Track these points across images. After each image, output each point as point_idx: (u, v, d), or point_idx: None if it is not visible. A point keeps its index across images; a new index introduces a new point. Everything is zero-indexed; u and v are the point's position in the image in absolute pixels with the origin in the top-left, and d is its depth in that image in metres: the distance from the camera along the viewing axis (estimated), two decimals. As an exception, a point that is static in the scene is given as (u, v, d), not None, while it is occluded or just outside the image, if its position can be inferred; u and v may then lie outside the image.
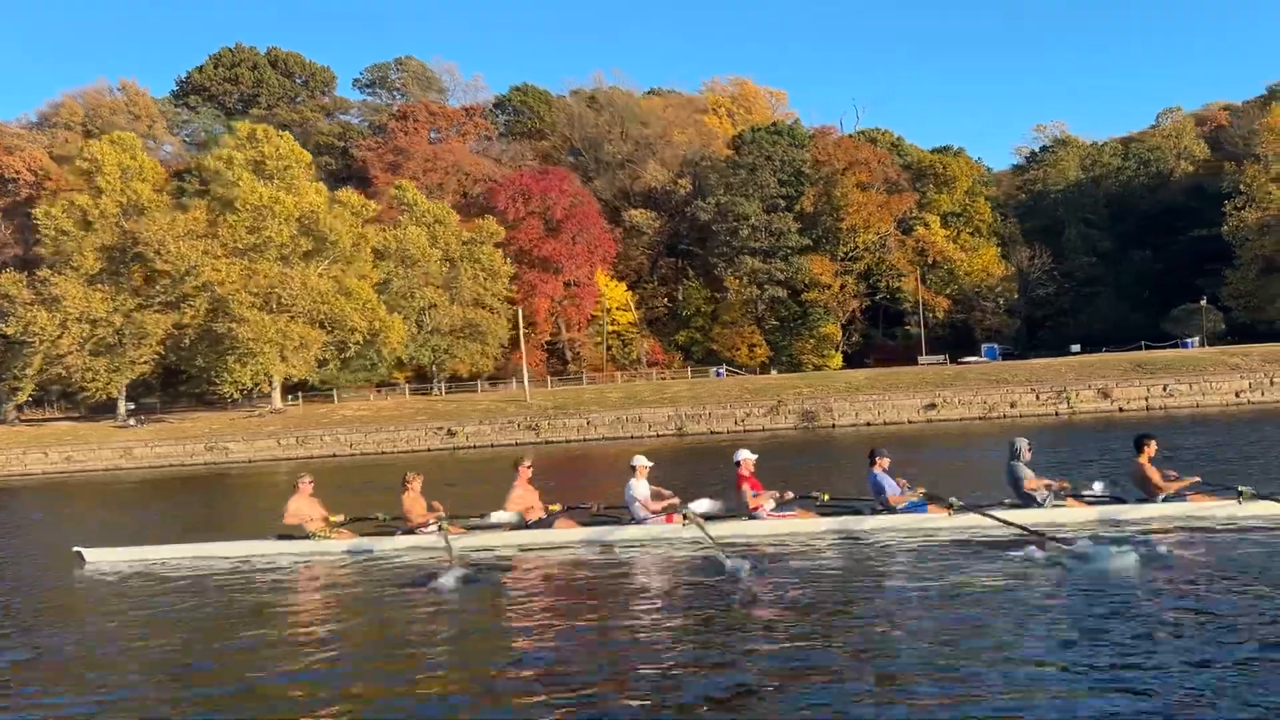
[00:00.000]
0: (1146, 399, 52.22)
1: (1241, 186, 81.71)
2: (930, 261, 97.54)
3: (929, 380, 59.14)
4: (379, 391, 77.01)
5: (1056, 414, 52.65)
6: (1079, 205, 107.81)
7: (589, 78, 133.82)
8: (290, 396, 75.52)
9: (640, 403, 59.64)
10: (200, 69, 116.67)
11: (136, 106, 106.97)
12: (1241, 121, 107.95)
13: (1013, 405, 53.44)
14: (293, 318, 64.18)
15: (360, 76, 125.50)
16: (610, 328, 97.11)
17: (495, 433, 58.05)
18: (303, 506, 15.50)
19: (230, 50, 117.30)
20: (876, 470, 14.49)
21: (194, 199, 70.79)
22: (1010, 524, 12.81)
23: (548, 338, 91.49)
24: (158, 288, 65.25)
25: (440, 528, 14.21)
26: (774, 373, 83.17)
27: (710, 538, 13.08)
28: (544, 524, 14.80)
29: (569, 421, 57.74)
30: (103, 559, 15.42)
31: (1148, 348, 75.94)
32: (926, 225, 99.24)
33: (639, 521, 14.57)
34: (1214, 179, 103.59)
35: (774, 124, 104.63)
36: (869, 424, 54.29)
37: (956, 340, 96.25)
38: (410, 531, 14.97)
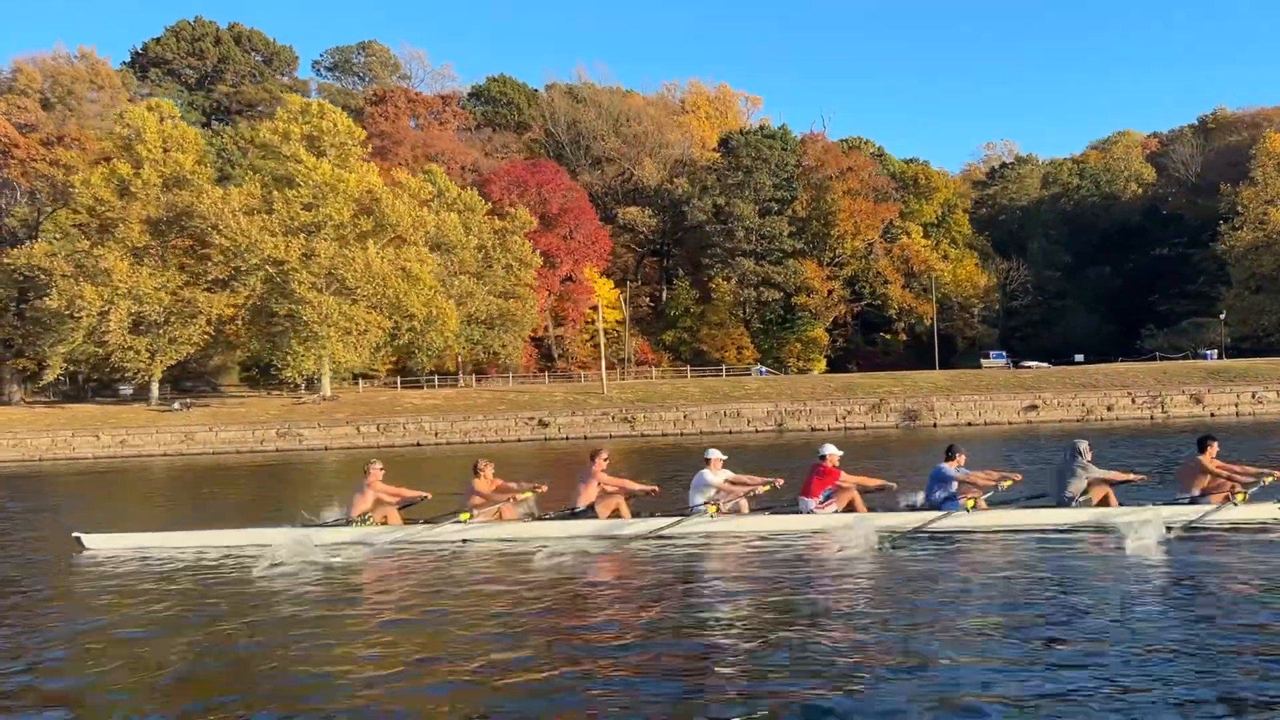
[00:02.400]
0: (1236, 405, 54.49)
1: (1239, 208, 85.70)
2: (913, 270, 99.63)
3: (1003, 383, 60.47)
4: (360, 382, 74.43)
5: (1152, 418, 54.46)
6: (1040, 221, 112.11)
7: (571, 71, 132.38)
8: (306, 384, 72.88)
9: (739, 397, 59.27)
10: (158, 40, 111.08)
11: (99, 77, 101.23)
12: (1181, 148, 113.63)
13: (1109, 409, 55.07)
14: (354, 301, 61.59)
15: (320, 59, 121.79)
16: (598, 325, 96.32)
17: (588, 425, 57.02)
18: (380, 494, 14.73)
19: (190, 24, 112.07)
20: (950, 467, 14.31)
21: (247, 173, 67.11)
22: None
23: (539, 333, 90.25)
24: (210, 264, 61.70)
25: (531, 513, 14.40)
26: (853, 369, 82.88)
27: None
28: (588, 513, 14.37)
29: (665, 415, 57.13)
30: (102, 545, 14.76)
31: (1163, 358, 79.49)
32: (908, 234, 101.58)
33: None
34: (1165, 201, 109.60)
35: (762, 127, 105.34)
36: (970, 424, 55.24)
37: (942, 348, 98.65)
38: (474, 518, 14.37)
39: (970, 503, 13.82)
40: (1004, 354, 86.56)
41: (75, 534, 15.06)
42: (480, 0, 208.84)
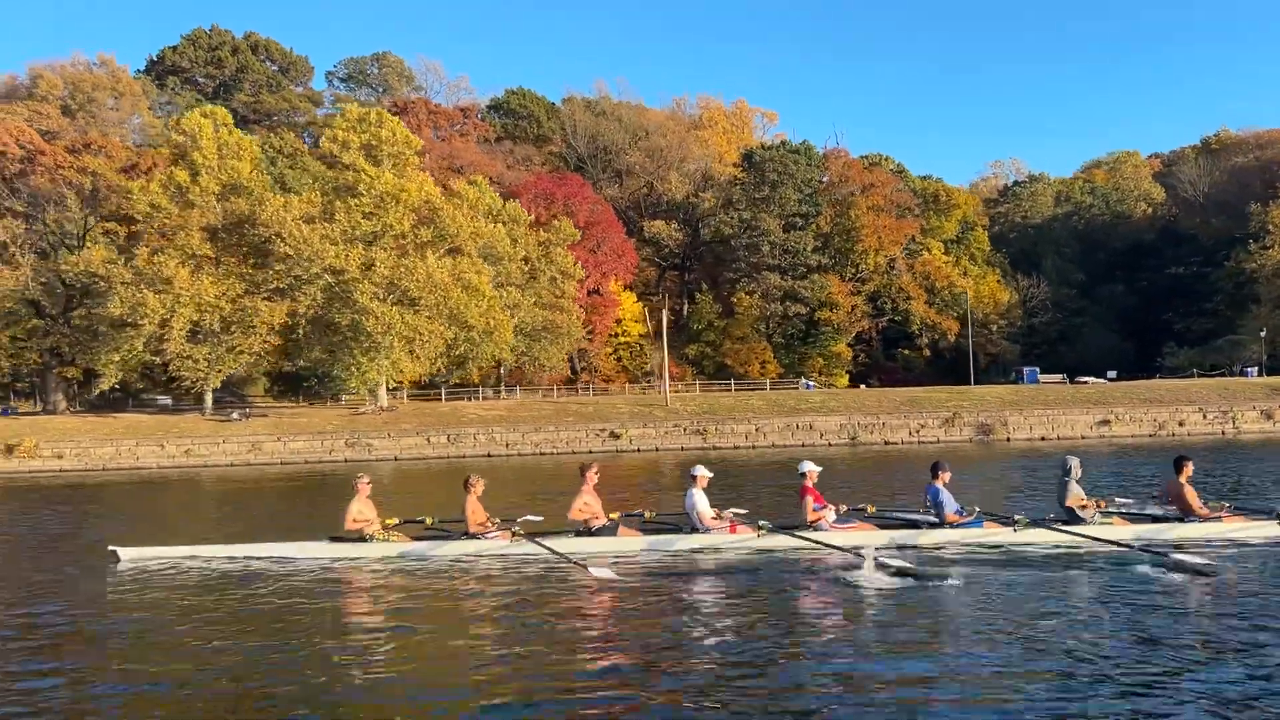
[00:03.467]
0: (1307, 421, 55.11)
1: (1270, 227, 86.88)
2: (935, 286, 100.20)
3: (1069, 398, 60.85)
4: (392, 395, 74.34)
5: (1223, 433, 54.93)
6: (1052, 239, 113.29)
7: (591, 86, 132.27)
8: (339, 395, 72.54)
9: (806, 410, 59.28)
10: (175, 49, 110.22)
11: (120, 84, 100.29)
12: (1186, 169, 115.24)
13: (1181, 424, 55.48)
14: (417, 311, 61.15)
15: (335, 69, 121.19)
16: (622, 339, 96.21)
17: (660, 437, 56.78)
18: (362, 509, 15.21)
19: (206, 33, 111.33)
20: (938, 484, 14.54)
21: (306, 180, 66.57)
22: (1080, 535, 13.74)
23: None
24: (271, 273, 61.04)
25: (514, 533, 14.52)
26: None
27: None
28: (607, 530, 14.66)
29: (737, 428, 56.96)
30: (138, 557, 14.96)
31: (1200, 376, 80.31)
32: (929, 251, 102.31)
33: (700, 531, 14.60)
34: (1177, 221, 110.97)
35: (784, 142, 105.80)
36: (1043, 438, 55.42)
37: (962, 365, 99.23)
38: (472, 536, 14.83)
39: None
40: (1037, 371, 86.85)
41: (111, 546, 15.26)
42: (492, 14, 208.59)
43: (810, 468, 14.76)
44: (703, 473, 14.88)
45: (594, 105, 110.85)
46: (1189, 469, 14.63)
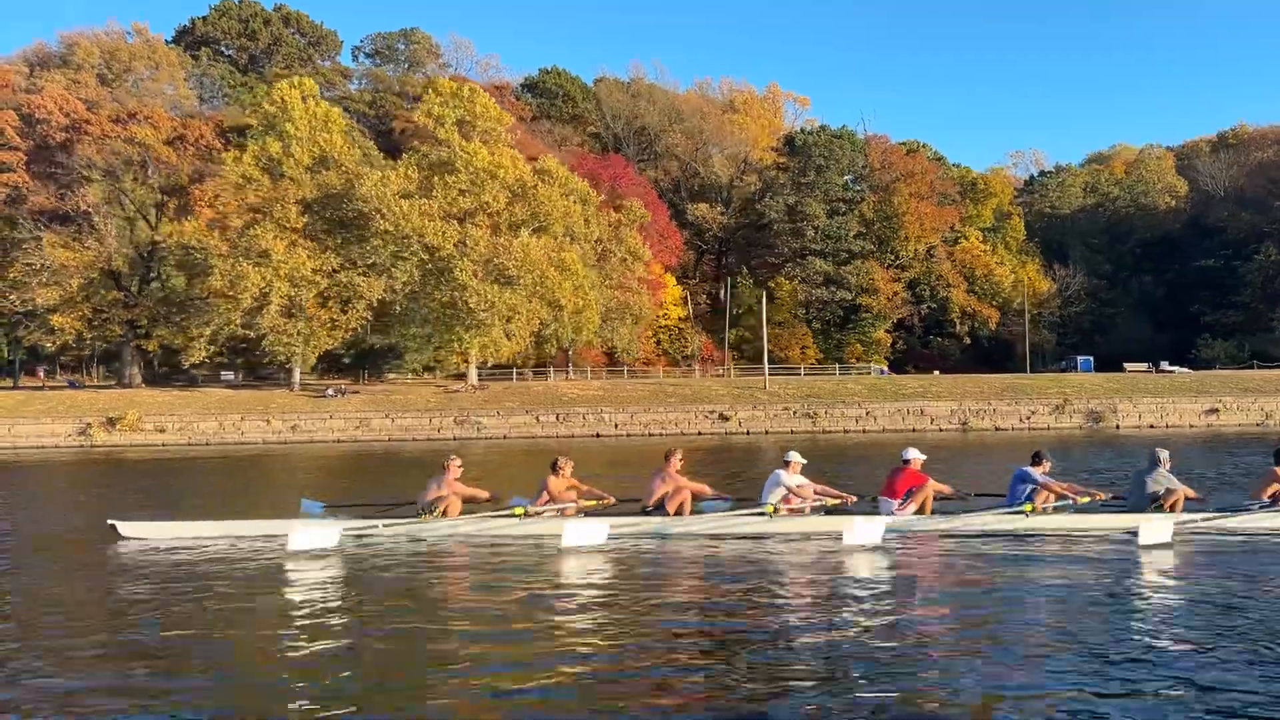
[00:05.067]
0: None
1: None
2: (977, 274, 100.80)
3: (1166, 387, 61.47)
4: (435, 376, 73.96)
5: (1333, 423, 55.78)
6: (1079, 230, 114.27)
7: (626, 67, 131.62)
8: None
9: (909, 395, 59.47)
10: (204, 19, 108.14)
11: (156, 55, 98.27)
12: (1208, 162, 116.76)
13: (1290, 413, 56.26)
14: (514, 289, 60.60)
15: (361, 45, 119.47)
16: (662, 322, 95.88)
17: (768, 420, 56.78)
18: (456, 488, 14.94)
19: (235, 4, 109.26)
20: (1038, 473, 14.58)
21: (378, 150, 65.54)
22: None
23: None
24: (367, 248, 60.19)
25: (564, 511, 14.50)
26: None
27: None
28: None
29: (847, 411, 57.03)
30: (139, 534, 14.57)
31: (1260, 367, 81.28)
32: (966, 239, 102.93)
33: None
34: (1205, 213, 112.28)
35: (823, 128, 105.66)
36: (1152, 426, 55.98)
37: (998, 353, 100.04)
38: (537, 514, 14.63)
39: (1029, 507, 14.19)
40: (1090, 360, 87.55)
41: (110, 521, 14.70)
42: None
43: (915, 455, 14.80)
44: (796, 458, 14.86)
45: (630, 86, 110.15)
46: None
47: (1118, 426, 56.14)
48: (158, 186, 67.73)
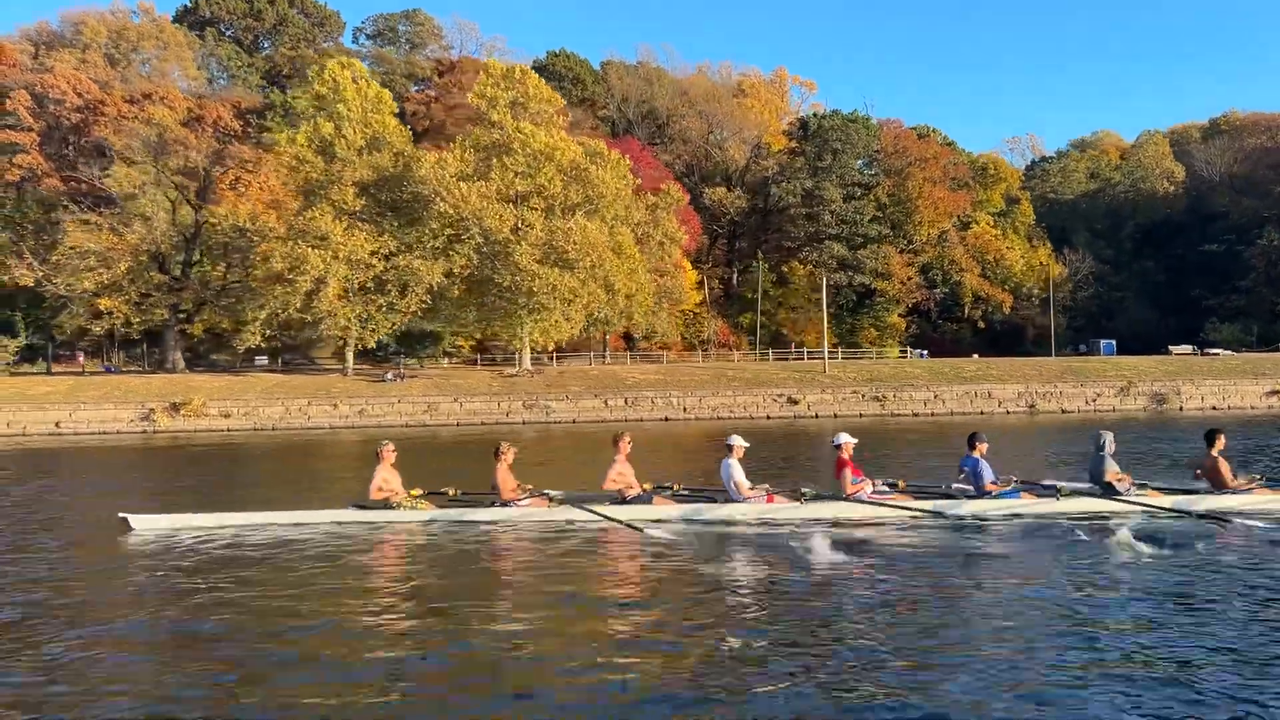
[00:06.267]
0: None
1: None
2: (989, 259, 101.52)
3: (1223, 368, 62.20)
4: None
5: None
6: (1081, 214, 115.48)
7: (634, 50, 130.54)
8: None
9: (973, 378, 59.76)
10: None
11: (164, 34, 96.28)
12: (1204, 148, 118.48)
13: (1351, 396, 57.13)
14: (573, 273, 60.13)
15: (363, 25, 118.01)
16: (680, 306, 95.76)
17: (837, 403, 56.82)
18: (388, 477, 14.82)
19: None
20: (975, 455, 14.40)
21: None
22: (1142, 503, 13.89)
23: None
24: (425, 231, 59.41)
25: (550, 500, 14.48)
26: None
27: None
28: (642, 500, 14.39)
29: (915, 395, 57.21)
30: (150, 526, 14.43)
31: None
32: (977, 223, 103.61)
33: (735, 501, 14.40)
34: (1206, 198, 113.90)
35: (835, 111, 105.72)
36: (1214, 408, 56.67)
37: (1008, 337, 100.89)
38: (505, 504, 14.54)
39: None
40: (1113, 343, 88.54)
41: (121, 514, 14.60)
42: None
43: (846, 440, 14.44)
44: (739, 443, 14.63)
45: (640, 69, 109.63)
46: (1221, 442, 14.64)
47: (1181, 408, 56.79)
48: (202, 168, 66.20)
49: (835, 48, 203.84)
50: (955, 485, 14.85)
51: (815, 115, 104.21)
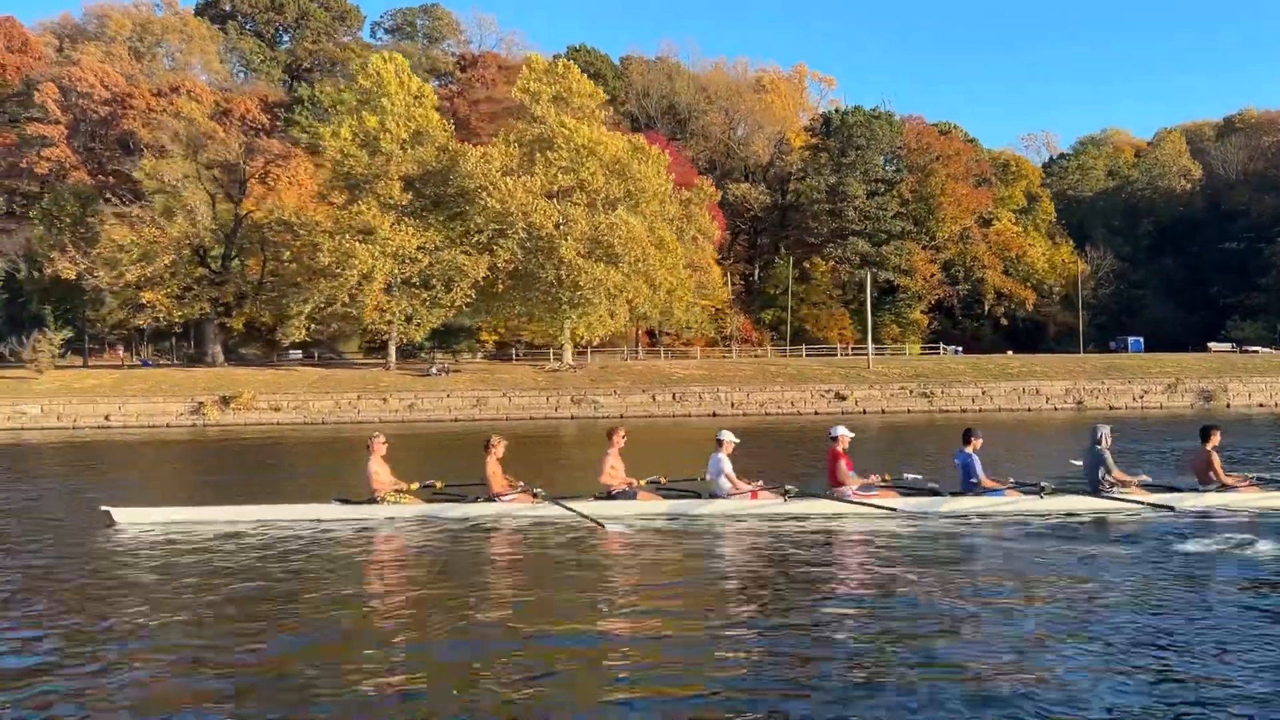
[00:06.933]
0: None
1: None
2: (1011, 255, 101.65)
3: (1265, 366, 62.37)
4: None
5: None
6: (1099, 211, 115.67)
7: (656, 44, 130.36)
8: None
9: (1020, 374, 59.88)
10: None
11: (188, 28, 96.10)
12: (1223, 146, 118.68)
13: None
14: (617, 268, 60.08)
15: (381, 20, 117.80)
16: (703, 302, 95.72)
17: (885, 399, 56.82)
18: (377, 470, 14.68)
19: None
20: (969, 450, 14.42)
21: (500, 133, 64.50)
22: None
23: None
24: (470, 225, 59.33)
25: (535, 495, 14.34)
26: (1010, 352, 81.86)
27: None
28: (626, 495, 14.43)
29: (963, 391, 57.29)
30: (133, 520, 14.31)
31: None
32: (999, 220, 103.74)
33: (722, 496, 14.40)
34: (1226, 196, 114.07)
35: (857, 107, 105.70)
36: (1261, 405, 56.83)
37: (1028, 335, 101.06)
38: (492, 499, 14.44)
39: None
40: (1140, 341, 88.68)
41: (104, 508, 14.49)
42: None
43: (844, 432, 14.49)
44: (729, 438, 14.55)
45: (662, 65, 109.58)
46: (1216, 439, 14.54)
47: (1228, 405, 56.90)
48: (243, 161, 66.01)
49: (852, 44, 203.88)
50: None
51: (837, 111, 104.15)
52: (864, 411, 55.88)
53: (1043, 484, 14.21)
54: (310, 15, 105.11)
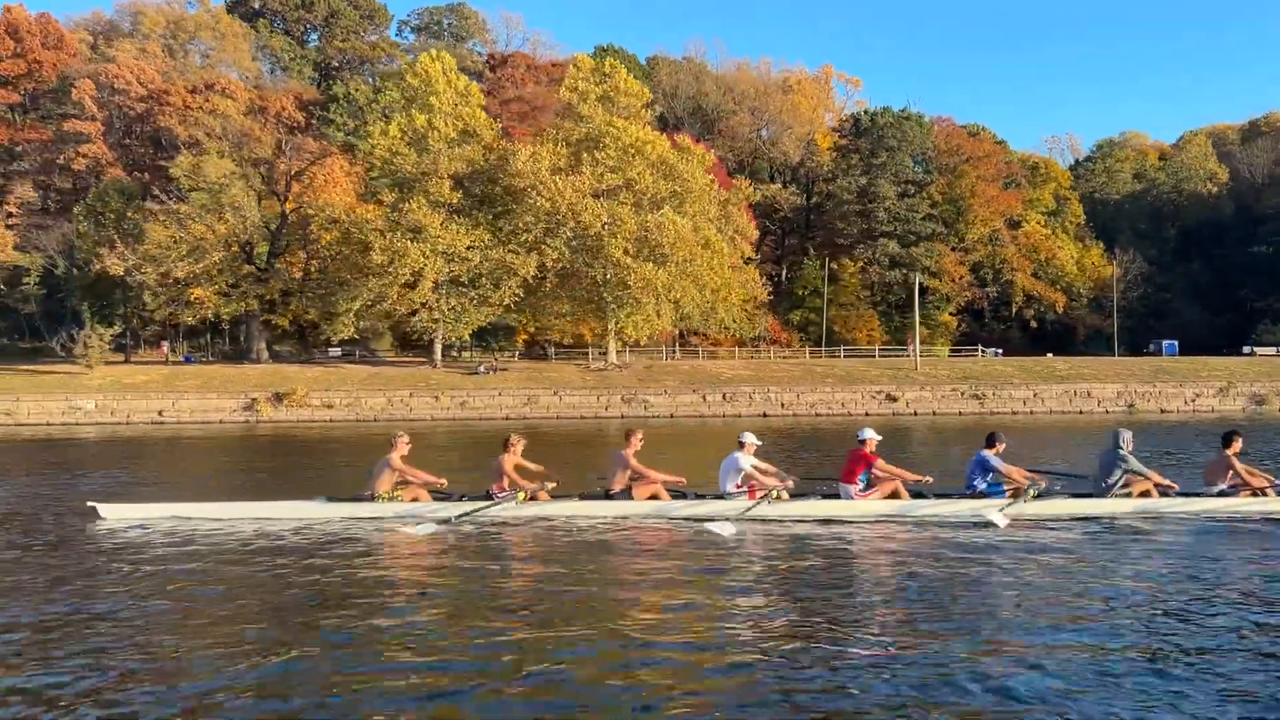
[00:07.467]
0: None
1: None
2: (1040, 258, 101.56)
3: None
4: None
5: None
6: (1125, 214, 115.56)
7: (685, 44, 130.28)
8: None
9: (1069, 377, 59.82)
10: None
11: (220, 25, 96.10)
12: (1250, 149, 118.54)
13: None
14: (665, 268, 60.06)
15: (408, 19, 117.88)
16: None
17: (936, 401, 56.70)
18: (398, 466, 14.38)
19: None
20: (986, 453, 14.31)
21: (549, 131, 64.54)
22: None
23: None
24: (519, 224, 59.33)
25: (532, 495, 14.08)
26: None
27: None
28: (621, 496, 14.30)
29: (1014, 393, 57.17)
30: (118, 515, 14.20)
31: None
32: (1028, 222, 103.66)
33: (725, 495, 14.35)
34: (1256, 199, 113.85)
35: (885, 108, 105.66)
36: (1313, 409, 56.74)
37: (1057, 337, 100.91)
38: (488, 496, 14.22)
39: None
40: (1175, 344, 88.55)
41: (91, 503, 14.46)
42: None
43: (871, 435, 14.39)
44: (751, 440, 14.46)
45: (689, 65, 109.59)
46: (1238, 444, 14.57)
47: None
48: (286, 158, 66.01)
49: (860, 43, 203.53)
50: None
51: (867, 112, 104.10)
52: (915, 413, 55.84)
53: (1043, 485, 14.05)
54: (339, 14, 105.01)
